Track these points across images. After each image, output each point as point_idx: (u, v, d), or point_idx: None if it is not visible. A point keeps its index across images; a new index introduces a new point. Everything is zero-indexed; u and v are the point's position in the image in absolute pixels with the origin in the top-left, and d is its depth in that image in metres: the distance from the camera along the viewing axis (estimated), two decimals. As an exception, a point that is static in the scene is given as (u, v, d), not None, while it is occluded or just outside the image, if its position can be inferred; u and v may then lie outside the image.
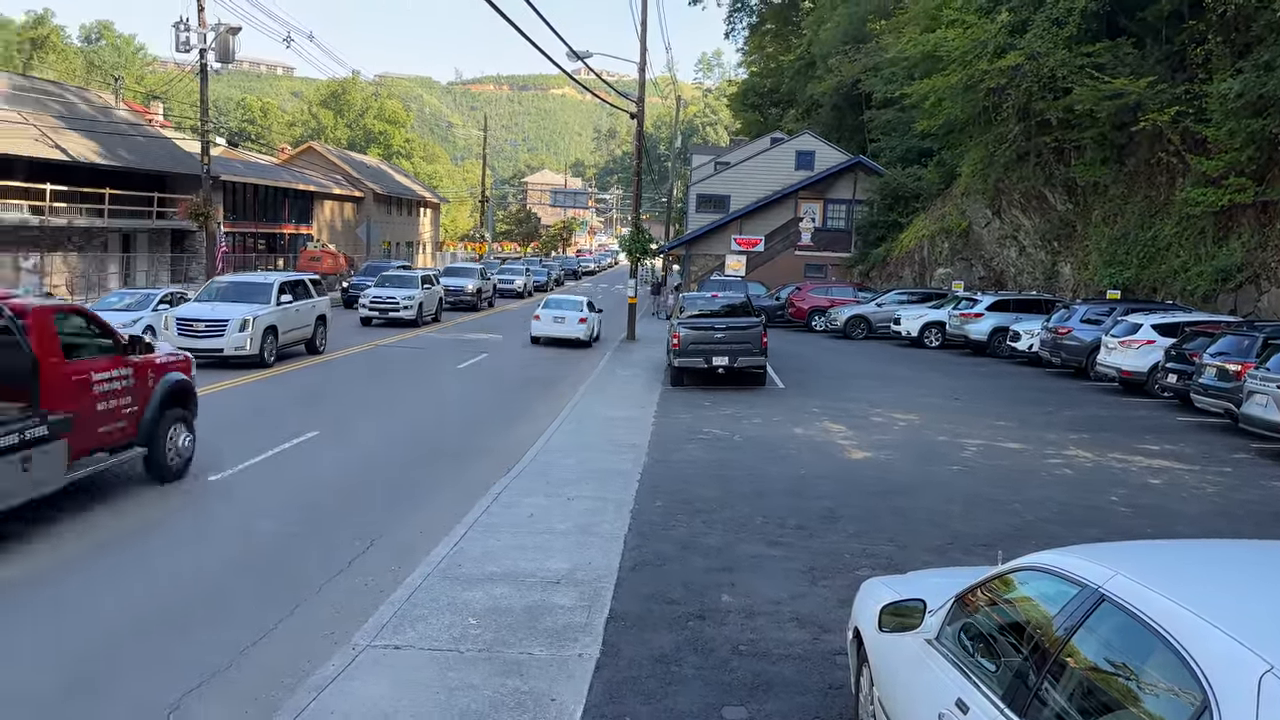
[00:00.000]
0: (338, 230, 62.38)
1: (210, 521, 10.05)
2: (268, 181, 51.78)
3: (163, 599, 7.84)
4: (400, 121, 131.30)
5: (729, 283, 35.57)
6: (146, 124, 47.35)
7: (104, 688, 6.27)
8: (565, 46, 23.42)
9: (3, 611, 7.42)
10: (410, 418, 16.38)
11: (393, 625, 7.09)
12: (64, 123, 38.20)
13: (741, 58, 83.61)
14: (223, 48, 29.11)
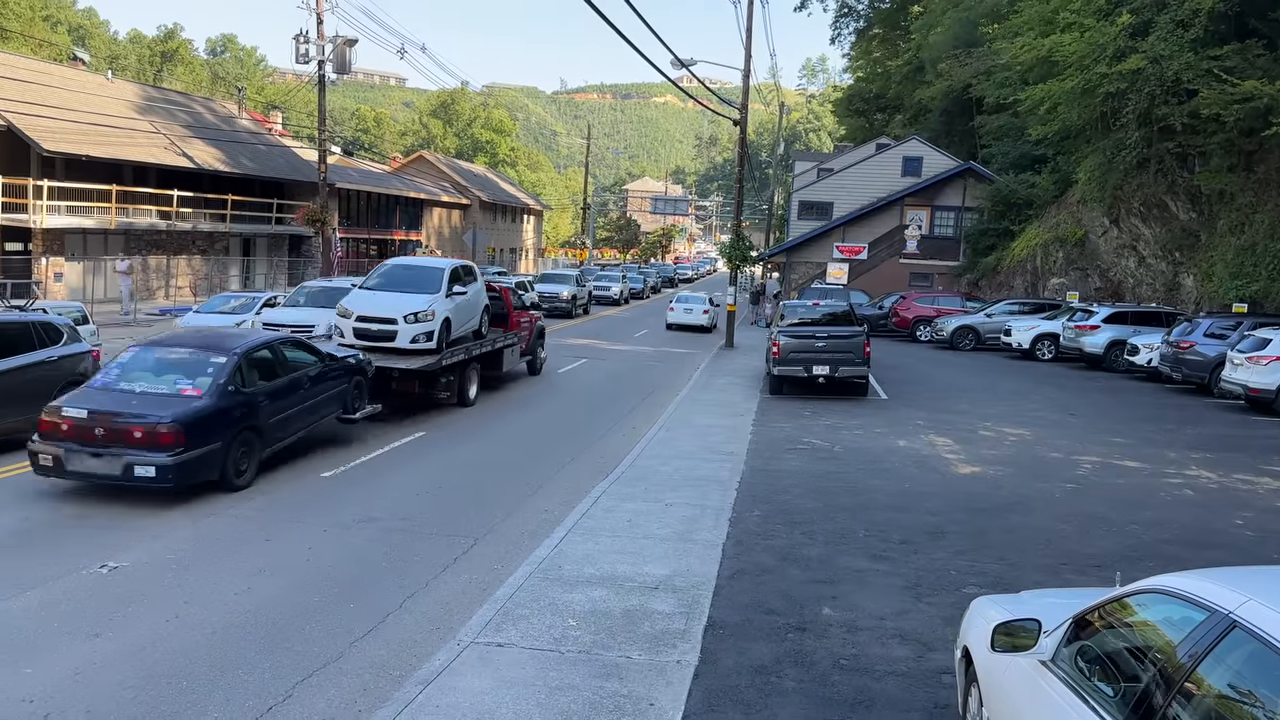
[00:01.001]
0: (445, 236, 63.96)
1: (346, 508, 10.41)
2: (380, 189, 53.45)
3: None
4: (506, 130, 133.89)
5: (830, 291, 35.10)
6: (267, 133, 49.43)
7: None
8: (670, 54, 23.54)
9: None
10: (508, 423, 16.66)
11: (495, 623, 7.22)
12: (191, 132, 40.19)
13: (847, 63, 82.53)
14: (340, 59, 30.20)
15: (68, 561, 8.51)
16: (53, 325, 13.47)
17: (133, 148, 34.98)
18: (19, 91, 31.55)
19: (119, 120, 35.70)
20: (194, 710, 5.99)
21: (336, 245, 41.21)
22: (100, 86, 39.09)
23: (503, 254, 71.57)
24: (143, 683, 6.32)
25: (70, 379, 13.10)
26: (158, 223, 36.01)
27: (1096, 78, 26.63)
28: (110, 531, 9.42)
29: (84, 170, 32.50)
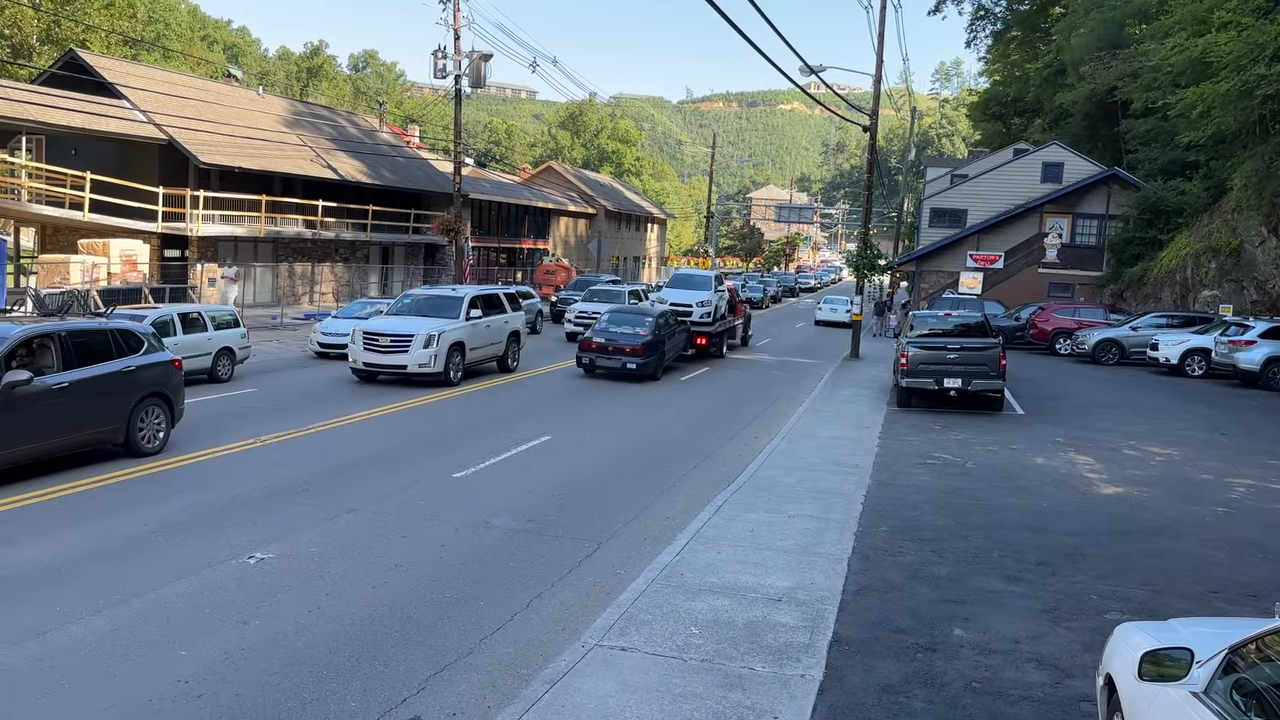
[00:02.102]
0: (571, 245, 65.03)
1: (453, 509, 10.73)
2: (510, 199, 54.80)
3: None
4: (632, 140, 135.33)
5: (963, 300, 34.03)
6: (405, 145, 51.36)
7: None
8: (799, 60, 23.34)
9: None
10: (630, 429, 16.79)
11: (619, 627, 7.29)
12: (335, 145, 42.12)
13: (983, 66, 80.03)
14: (475, 74, 31.15)
15: (219, 552, 9.02)
16: (133, 334, 13.11)
17: (281, 160, 36.90)
18: (179, 107, 33.73)
19: (269, 134, 37.73)
20: (334, 698, 6.26)
21: (469, 254, 42.43)
22: (252, 101, 41.40)
23: (626, 262, 72.28)
24: (286, 669, 6.64)
25: (151, 390, 12.79)
26: (304, 231, 37.86)
27: (1254, 79, 25.05)
28: (257, 525, 9.94)
29: (237, 181, 34.48)
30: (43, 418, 11.19)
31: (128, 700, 6.10)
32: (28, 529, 9.50)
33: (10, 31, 50.29)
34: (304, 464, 12.69)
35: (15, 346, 11.12)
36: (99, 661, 6.63)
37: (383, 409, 17.11)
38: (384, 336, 19.39)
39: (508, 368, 22.75)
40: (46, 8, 49.92)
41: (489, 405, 18.30)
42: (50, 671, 6.45)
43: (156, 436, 12.90)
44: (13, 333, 11.25)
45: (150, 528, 9.70)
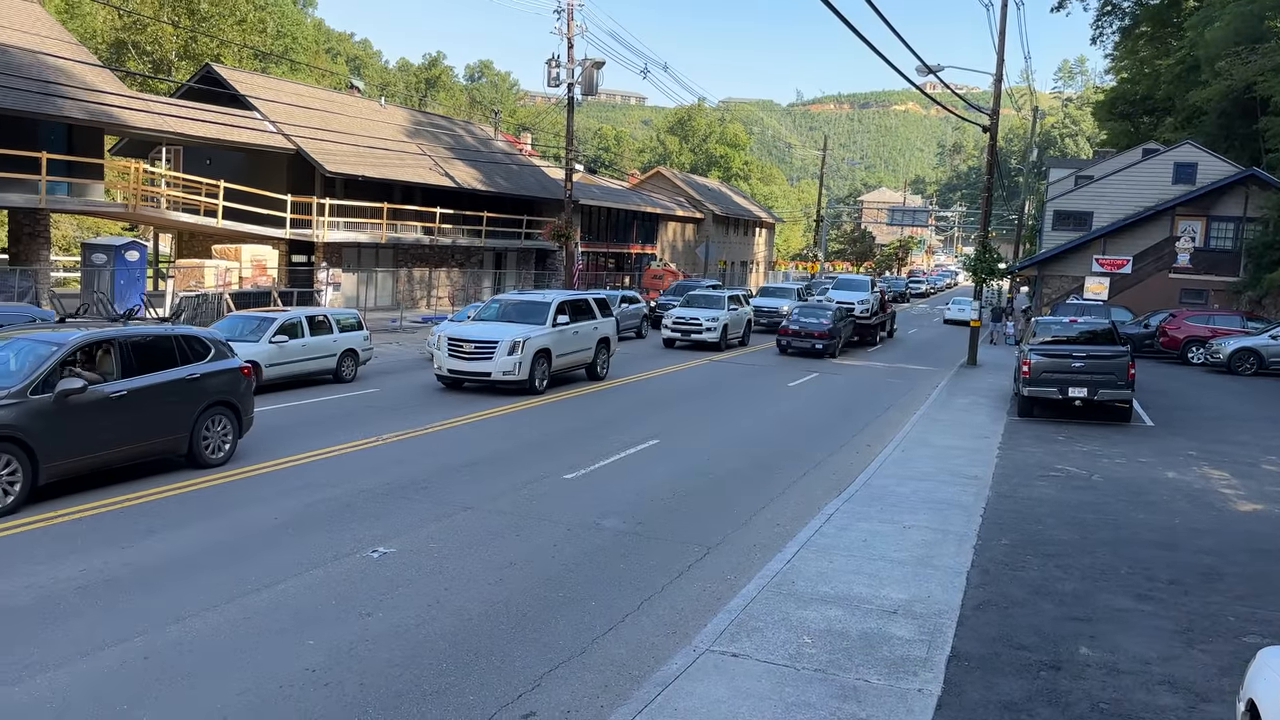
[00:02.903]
0: (678, 250, 65.17)
1: (568, 510, 10.89)
2: (618, 205, 55.29)
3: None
4: (740, 144, 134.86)
5: (1088, 306, 32.69)
6: (519, 153, 52.41)
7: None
8: (916, 59, 22.87)
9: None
10: (739, 435, 16.71)
11: (730, 633, 7.27)
12: (453, 153, 43.26)
13: (1110, 64, 76.69)
14: (587, 81, 31.56)
15: (344, 546, 9.37)
16: (199, 340, 12.62)
17: (402, 168, 38.11)
18: (306, 118, 35.18)
19: (390, 143, 39.02)
20: (453, 691, 6.43)
21: (579, 259, 42.98)
22: (375, 112, 42.88)
23: (734, 267, 72.02)
24: (407, 661, 6.86)
25: (217, 398, 12.38)
26: (422, 238, 39.02)
27: None
28: (379, 520, 10.29)
29: (360, 189, 35.77)
30: (99, 427, 10.76)
31: (260, 685, 6.40)
32: (161, 522, 10.06)
33: (152, 48, 53.41)
34: (422, 463, 13.07)
35: (72, 353, 10.82)
36: (233, 648, 6.97)
37: (494, 411, 17.47)
38: (468, 343, 18.95)
39: (597, 375, 22.04)
40: (184, 25, 52.81)
41: (585, 412, 18.49)
42: (190, 655, 6.82)
43: (222, 447, 12.47)
44: (69, 339, 10.93)
45: (280, 521, 10.14)
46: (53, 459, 10.21)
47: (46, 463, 10.13)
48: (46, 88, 25.56)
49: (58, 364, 10.48)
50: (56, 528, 9.60)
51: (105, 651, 6.80)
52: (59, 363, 10.51)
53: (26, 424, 9.94)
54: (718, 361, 27.21)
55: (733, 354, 29.31)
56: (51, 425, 10.20)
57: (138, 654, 6.78)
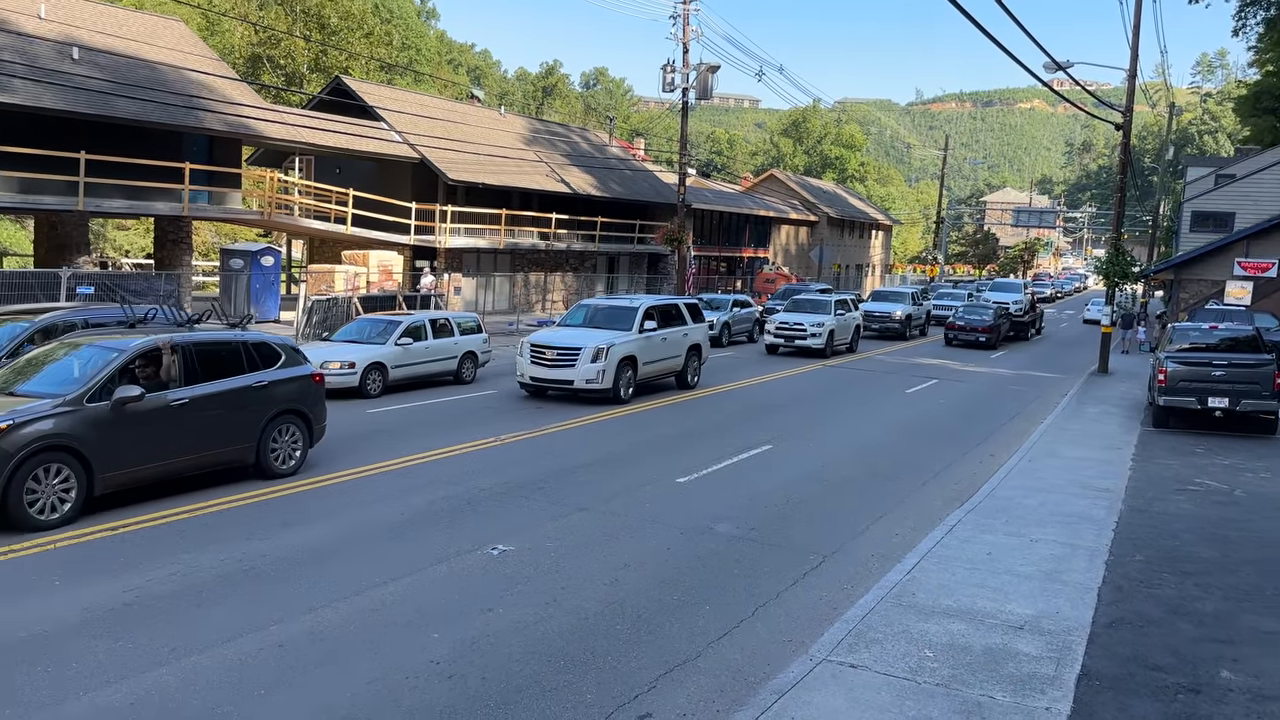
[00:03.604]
0: (791, 253, 64.56)
1: (683, 516, 10.92)
2: (731, 208, 55.14)
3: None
4: (856, 145, 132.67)
5: (1229, 312, 30.91)
6: (632, 158, 52.86)
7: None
8: (1044, 55, 22.08)
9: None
10: (856, 442, 16.43)
11: (848, 643, 7.17)
12: (569, 160, 43.94)
13: (1253, 57, 72.39)
14: (702, 85, 31.60)
15: (465, 542, 9.63)
16: (269, 346, 12.19)
17: (519, 175, 38.92)
18: (429, 127, 36.29)
19: (509, 151, 39.90)
20: (571, 689, 6.54)
21: (691, 263, 43.04)
22: (495, 121, 43.92)
23: (849, 270, 70.88)
24: (526, 657, 7.00)
25: (286, 407, 11.93)
26: (538, 243, 39.76)
27: None
28: (498, 519, 10.53)
29: (480, 196, 36.68)
30: (160, 436, 10.44)
31: (387, 675, 6.63)
32: (295, 515, 10.52)
33: (285, 62, 56.01)
34: (538, 463, 13.31)
35: (132, 359, 10.48)
36: (362, 638, 7.25)
37: (603, 415, 17.66)
38: (550, 349, 18.35)
39: (687, 384, 21.05)
40: (315, 39, 55.19)
41: (679, 421, 18.47)
42: (322, 644, 7.12)
43: (292, 456, 12.05)
44: (130, 345, 10.59)
45: (406, 517, 10.49)
46: (109, 469, 9.90)
47: (102, 473, 9.84)
48: (190, 101, 27.10)
49: (116, 371, 10.17)
50: (184, 522, 10.16)
51: (244, 638, 7.15)
52: (117, 370, 10.19)
53: (81, 433, 9.65)
54: (826, 368, 26.65)
55: (839, 360, 28.45)
56: (108, 434, 9.88)
57: (273, 641, 7.12)
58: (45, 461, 9.38)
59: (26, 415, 9.37)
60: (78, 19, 27.76)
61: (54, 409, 9.56)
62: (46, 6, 27.05)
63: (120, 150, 24.91)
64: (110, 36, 27.74)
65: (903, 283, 71.61)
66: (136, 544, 9.21)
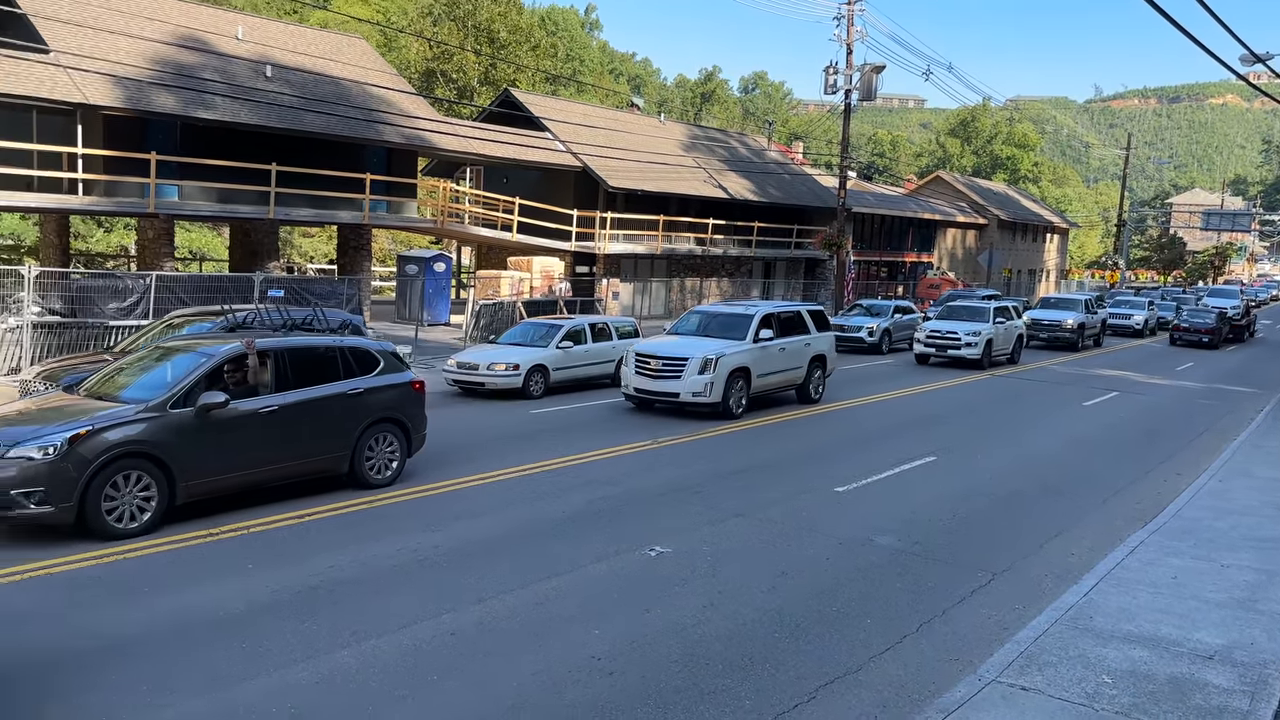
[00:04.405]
0: (958, 258, 62.39)
1: (843, 528, 10.75)
2: (893, 212, 53.81)
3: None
4: (1029, 145, 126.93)
5: None
6: (791, 162, 52.38)
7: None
8: (1241, 47, 20.51)
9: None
10: (1026, 455, 15.71)
11: (1019, 665, 6.89)
12: (726, 165, 43.98)
13: None
14: (866, 87, 31.02)
15: (623, 542, 9.78)
16: (367, 352, 11.78)
17: (678, 182, 39.25)
18: (591, 136, 37.09)
19: (667, 157, 40.29)
20: (729, 694, 6.55)
21: (850, 268, 42.27)
22: (655, 128, 44.46)
23: (1020, 275, 67.86)
24: (684, 659, 7.06)
25: (383, 415, 11.45)
26: (694, 249, 39.98)
27: None
28: (655, 521, 10.65)
29: (638, 203, 37.21)
30: (247, 444, 10.14)
31: (550, 669, 6.83)
32: (470, 507, 10.95)
33: (457, 75, 58.40)
34: (695, 467, 13.39)
35: (220, 365, 10.24)
36: (527, 630, 7.49)
37: (768, 419, 17.56)
38: (656, 359, 17.21)
39: (809, 398, 19.54)
40: (485, 53, 57.34)
41: (791, 439, 18.07)
42: (490, 635, 7.40)
43: (389, 466, 11.66)
44: (219, 351, 10.35)
45: (567, 515, 10.76)
46: (191, 477, 9.66)
47: (185, 481, 9.61)
48: (371, 115, 28.69)
49: (203, 377, 9.94)
50: (300, 526, 10.74)
51: (419, 625, 7.51)
52: (204, 376, 9.96)
53: (163, 439, 9.43)
54: (986, 379, 25.05)
55: (1000, 372, 26.52)
56: (191, 442, 9.64)
57: (446, 629, 7.45)
58: (125, 469, 9.16)
59: (106, 421, 9.20)
60: (271, 39, 29.88)
61: (135, 415, 9.37)
62: (244, 28, 29.26)
63: (307, 162, 26.61)
64: (300, 55, 29.71)
65: (1080, 289, 67.97)
66: (265, 543, 9.62)
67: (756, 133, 64.77)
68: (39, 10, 24.24)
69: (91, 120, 23.30)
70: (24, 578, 8.18)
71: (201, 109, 24.66)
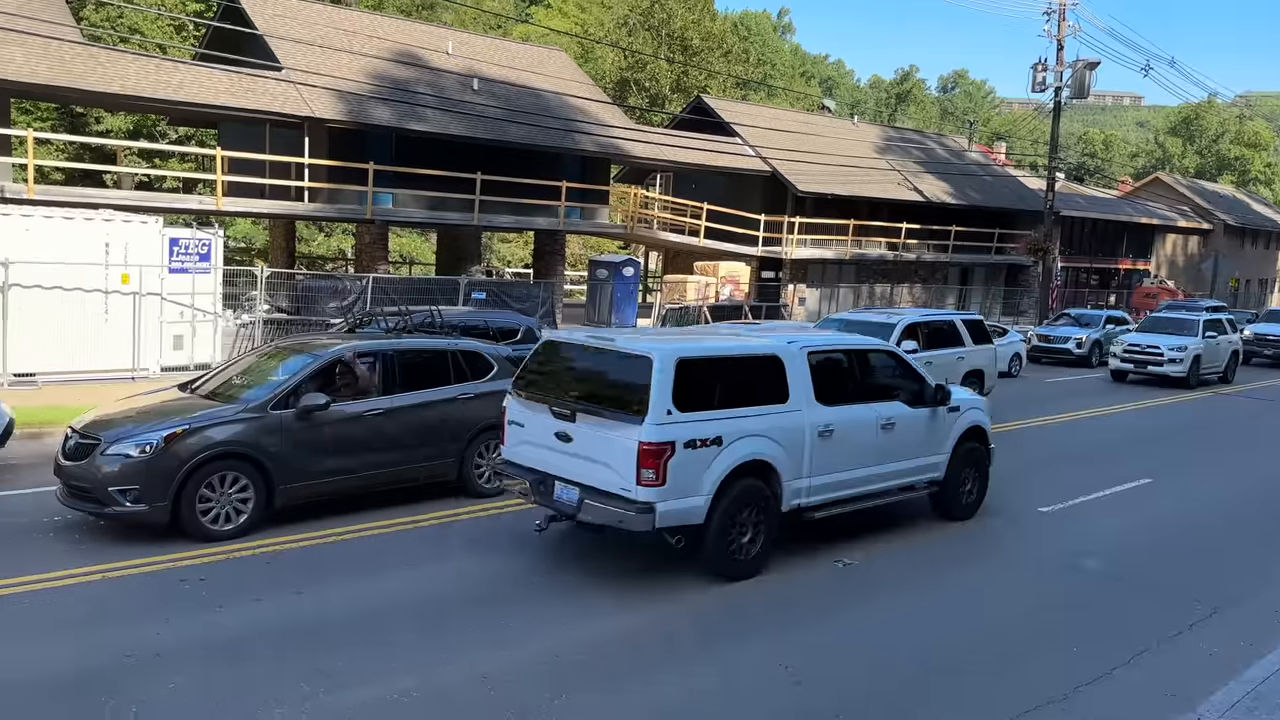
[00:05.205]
0: (1178, 265, 57.87)
1: (1034, 551, 10.19)
2: (1105, 215, 50.53)
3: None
4: (1262, 144, 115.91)
5: None
6: (992, 164, 50.11)
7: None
8: None
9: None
10: (1256, 479, 14.36)
11: (1245, 705, 6.34)
12: (922, 167, 42.58)
13: None
14: (1078, 84, 29.32)
15: (811, 554, 9.61)
16: (481, 356, 11.31)
17: (870, 185, 38.36)
18: (781, 140, 36.83)
19: (859, 160, 39.42)
20: (923, 712, 6.34)
21: (1056, 275, 40.02)
22: (848, 131, 43.64)
23: (1250, 285, 62.17)
24: (873, 674, 6.91)
25: (494, 422, 10.39)
26: (885, 254, 38.96)
27: None
28: (841, 529, 10.44)
29: (828, 207, 36.62)
30: (350, 447, 9.85)
31: (733, 675, 6.81)
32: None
33: (650, 84, 59.42)
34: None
35: (325, 367, 10.07)
36: (715, 633, 7.50)
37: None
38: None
39: None
40: (678, 60, 58.05)
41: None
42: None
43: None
44: (326, 354, 10.17)
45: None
46: (290, 480, 9.40)
47: (283, 484, 9.36)
48: (568, 125, 29.63)
49: (307, 378, 9.72)
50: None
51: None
52: (308, 377, 9.75)
53: (261, 441, 9.21)
54: (1194, 400, 22.75)
55: (1210, 391, 24.24)
56: (292, 444, 9.39)
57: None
58: (221, 469, 9.00)
59: (203, 421, 9.08)
60: (478, 53, 31.41)
61: (235, 415, 9.24)
62: (453, 43, 30.89)
63: (508, 170, 27.76)
64: (504, 68, 31.06)
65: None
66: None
67: (955, 133, 62.28)
68: (273, 31, 26.48)
69: (317, 132, 25.22)
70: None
71: (414, 121, 26.22)
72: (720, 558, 8.38)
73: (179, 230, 18.39)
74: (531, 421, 8.76)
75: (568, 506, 8.32)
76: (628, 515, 7.83)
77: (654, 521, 7.84)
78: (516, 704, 6.12)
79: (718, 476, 8.16)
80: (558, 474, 8.45)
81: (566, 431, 8.36)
